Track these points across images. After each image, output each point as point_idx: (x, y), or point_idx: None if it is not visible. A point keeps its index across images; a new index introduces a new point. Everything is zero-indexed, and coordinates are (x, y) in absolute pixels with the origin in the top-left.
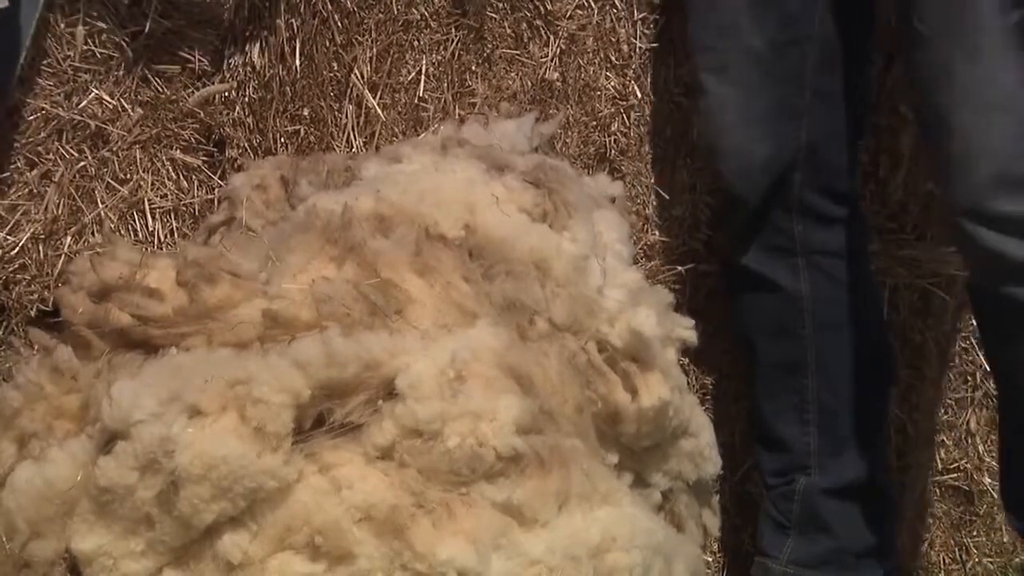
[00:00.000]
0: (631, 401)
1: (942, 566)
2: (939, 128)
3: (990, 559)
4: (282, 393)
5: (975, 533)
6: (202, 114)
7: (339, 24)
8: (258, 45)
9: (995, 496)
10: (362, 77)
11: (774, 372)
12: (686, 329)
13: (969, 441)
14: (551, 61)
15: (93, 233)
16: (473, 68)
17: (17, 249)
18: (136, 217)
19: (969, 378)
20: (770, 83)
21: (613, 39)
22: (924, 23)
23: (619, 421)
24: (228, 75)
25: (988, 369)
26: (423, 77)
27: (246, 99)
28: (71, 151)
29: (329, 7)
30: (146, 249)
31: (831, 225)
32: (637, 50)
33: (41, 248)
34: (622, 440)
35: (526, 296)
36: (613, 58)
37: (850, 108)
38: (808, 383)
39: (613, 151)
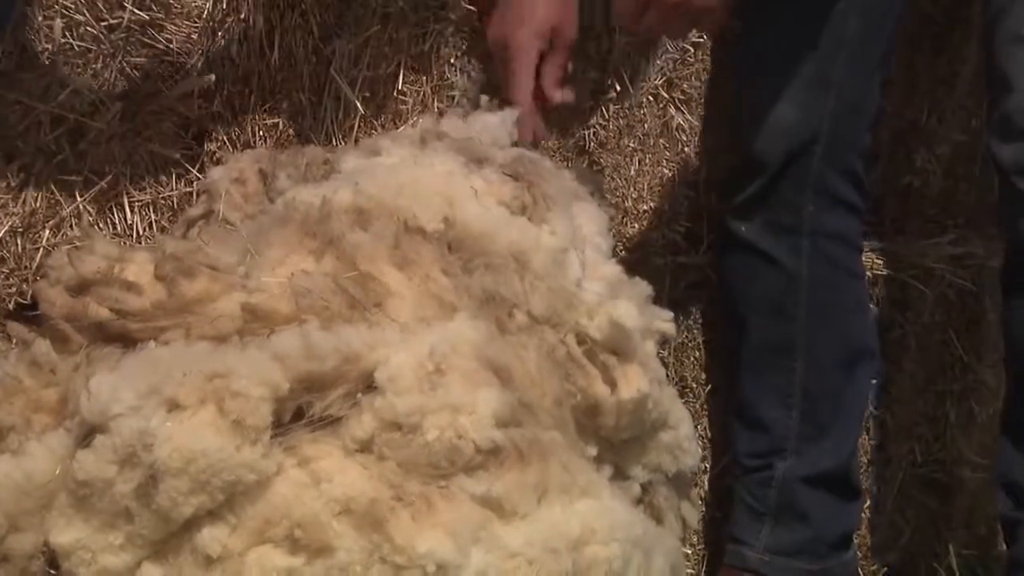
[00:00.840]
0: (610, 393)
1: (921, 559)
2: (1003, 89)
3: (969, 551)
4: (261, 386)
5: (953, 526)
6: (181, 107)
7: (318, 17)
8: (237, 38)
9: (974, 488)
10: (341, 70)
11: (762, 351)
12: (665, 322)
13: (948, 434)
14: None
15: (71, 226)
16: (452, 61)
17: None
18: (115, 210)
19: (948, 371)
20: (810, 48)
21: (592, 32)
22: None
23: (598, 414)
24: (207, 68)
25: (967, 362)
26: (402, 70)
27: (225, 92)
28: (49, 144)
29: (307, 0)
30: (124, 243)
31: (838, 207)
32: (616, 43)
33: (19, 241)
34: (601, 433)
35: (505, 289)
36: (592, 51)
37: (877, 86)
38: (796, 366)
39: (592, 143)
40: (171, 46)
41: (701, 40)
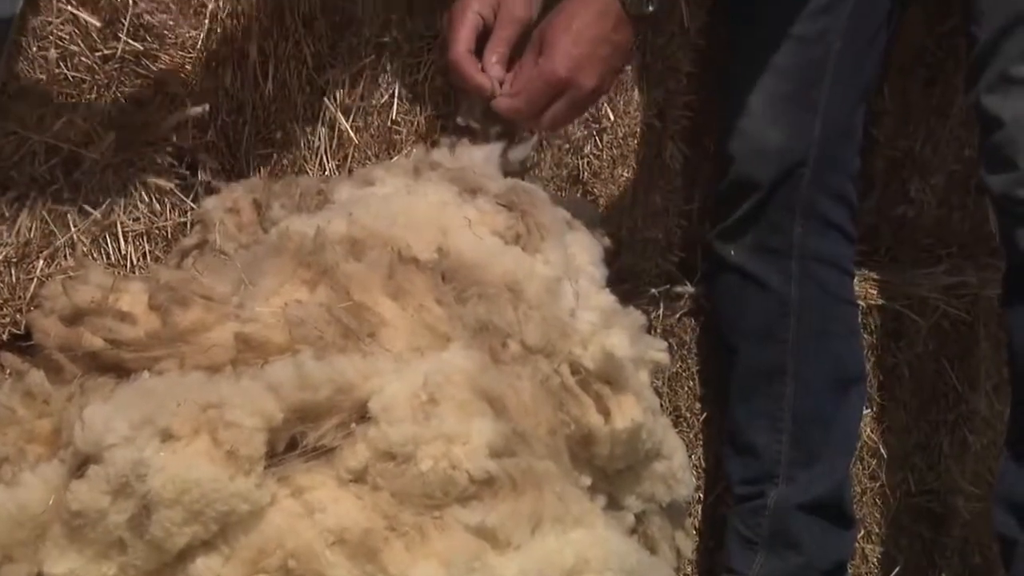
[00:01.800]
0: (604, 423)
1: None
2: (993, 125)
3: None
4: (255, 416)
5: (947, 555)
6: (175, 137)
7: (312, 47)
8: (231, 68)
9: (968, 518)
10: (335, 100)
11: (752, 376)
12: (659, 351)
13: (942, 464)
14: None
15: (66, 256)
16: (446, 91)
17: None
18: (109, 240)
19: (942, 400)
20: (795, 70)
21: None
22: (981, 27)
23: (592, 443)
24: (201, 98)
25: (961, 392)
26: (396, 100)
27: (219, 122)
28: (43, 174)
29: (302, 30)
30: (118, 273)
31: (829, 231)
32: None
33: (13, 272)
34: (595, 462)
35: (499, 319)
36: None
37: (862, 110)
38: (785, 391)
39: (586, 173)
40: (165, 76)
41: (694, 70)
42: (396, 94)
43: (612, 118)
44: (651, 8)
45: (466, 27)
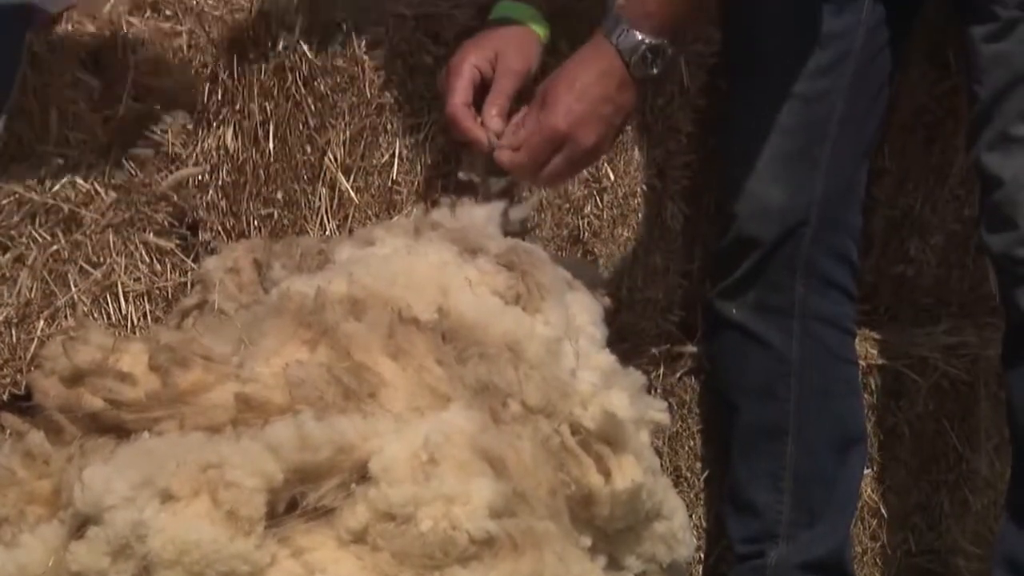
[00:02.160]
0: (605, 484)
1: None
2: (992, 184)
3: None
4: (255, 477)
5: None
6: (175, 197)
7: (312, 107)
8: (232, 128)
9: None
10: (335, 160)
11: (753, 435)
12: (659, 412)
13: (943, 524)
14: None
15: (66, 317)
16: (447, 151)
17: None
18: (109, 300)
19: (942, 460)
20: (797, 129)
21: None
22: (982, 86)
23: (592, 504)
24: (201, 158)
25: (961, 452)
26: (397, 160)
27: (219, 182)
28: (44, 235)
29: (302, 90)
30: (119, 333)
31: (830, 290)
32: None
33: (14, 332)
34: (595, 523)
35: (499, 379)
36: None
37: (864, 169)
38: (786, 449)
39: (586, 233)
40: (166, 137)
41: (694, 130)
42: (396, 154)
43: (612, 178)
44: (655, 71)
45: (464, 80)
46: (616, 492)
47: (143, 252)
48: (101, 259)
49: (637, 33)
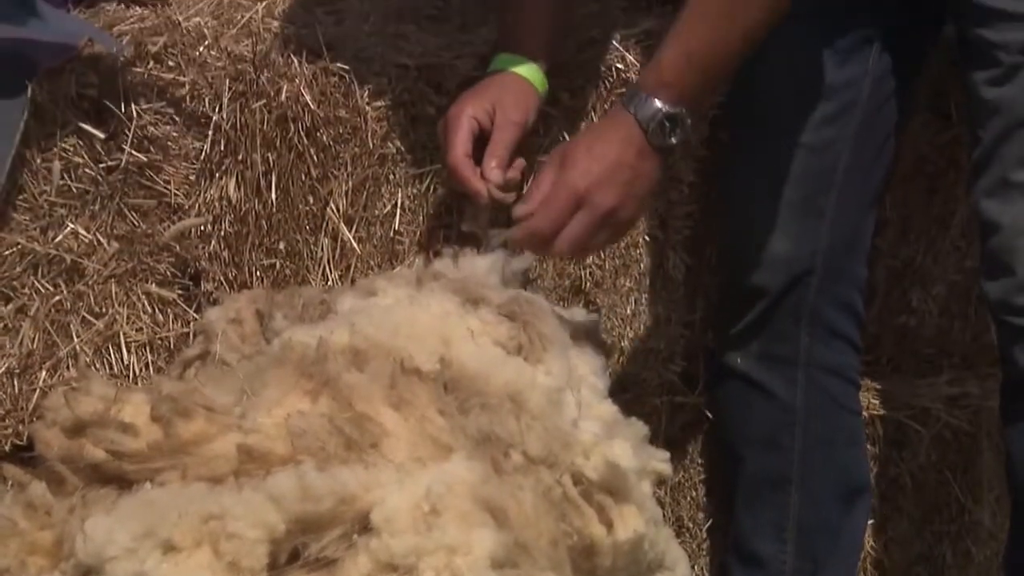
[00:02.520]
0: (607, 534)
1: None
2: (990, 230)
3: None
4: (257, 528)
5: None
6: (178, 248)
7: (315, 158)
8: (234, 179)
9: None
10: (338, 210)
11: (757, 484)
12: (661, 462)
13: (945, 575)
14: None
15: (68, 367)
16: (449, 201)
17: None
18: (111, 351)
19: (945, 511)
20: (801, 179)
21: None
22: (985, 129)
23: (594, 554)
24: (204, 208)
25: (963, 503)
26: (399, 210)
27: (222, 232)
28: (46, 285)
29: (305, 141)
30: (121, 383)
31: (835, 341)
32: None
33: (16, 382)
34: (597, 573)
35: (501, 429)
36: None
37: (871, 220)
38: (791, 499)
39: (588, 283)
40: (169, 187)
41: (696, 181)
42: (399, 204)
43: None
44: (673, 140)
45: (463, 132)
46: (618, 543)
47: (145, 302)
48: (103, 309)
49: (655, 102)
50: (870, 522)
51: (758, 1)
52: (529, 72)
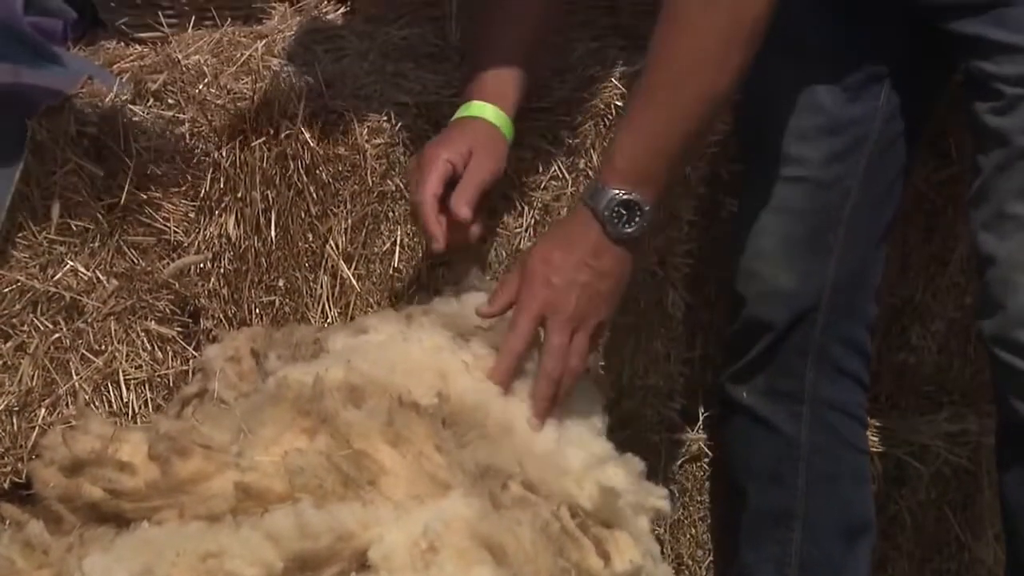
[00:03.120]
0: (604, 567)
1: None
2: (986, 263)
3: None
4: (254, 566)
5: None
6: (177, 285)
7: (314, 195)
8: (233, 216)
9: None
10: (337, 248)
11: (760, 519)
12: (660, 498)
13: None
14: (525, 231)
15: (67, 405)
16: None
17: None
18: (110, 388)
19: (945, 549)
20: (809, 215)
21: None
22: (988, 160)
23: None
24: (203, 246)
25: (963, 540)
26: (398, 247)
27: (221, 270)
28: (46, 323)
29: (304, 179)
30: (119, 421)
31: (841, 378)
32: None
33: (15, 420)
34: None
35: (500, 459)
36: None
37: (880, 258)
38: (793, 535)
39: None
40: (168, 225)
41: (696, 218)
42: (398, 242)
43: None
44: (629, 229)
45: (436, 173)
46: (616, 574)
47: (144, 340)
48: (103, 347)
49: (610, 190)
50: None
51: (701, 72)
52: (499, 120)
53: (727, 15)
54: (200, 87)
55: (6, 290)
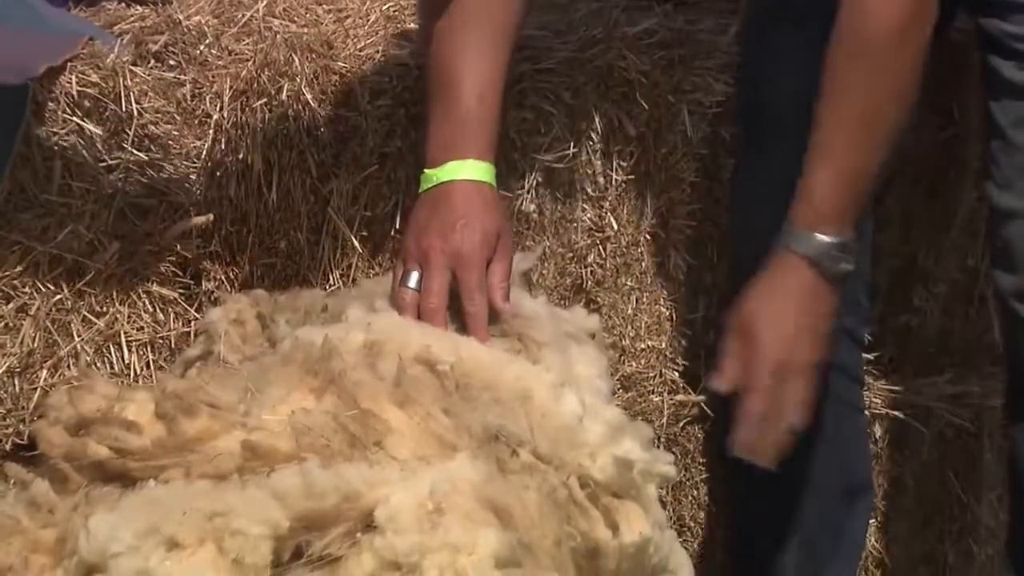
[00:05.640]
0: (612, 537)
1: None
2: (1001, 215)
3: None
4: (261, 525)
5: None
6: (179, 247)
7: (316, 157)
8: (235, 178)
9: None
10: (339, 210)
11: (760, 483)
12: (666, 464)
13: (947, 574)
14: (528, 193)
15: (69, 367)
16: None
17: None
18: (112, 350)
19: (946, 510)
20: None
21: (589, 171)
22: (1005, 114)
23: (599, 557)
24: (205, 208)
25: (965, 502)
26: (400, 209)
27: (223, 232)
28: (47, 284)
29: (306, 140)
30: (121, 383)
31: (841, 338)
32: (613, 182)
33: (16, 382)
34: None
35: (512, 424)
36: (589, 190)
37: (871, 217)
38: (793, 496)
39: (589, 282)
40: (170, 186)
41: (697, 180)
42: (400, 204)
43: (615, 227)
44: (848, 267)
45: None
46: (624, 545)
47: (146, 302)
48: (104, 309)
49: (820, 237)
50: (871, 521)
51: (892, 107)
52: (491, 176)
53: (916, 52)
54: (201, 48)
55: (7, 252)
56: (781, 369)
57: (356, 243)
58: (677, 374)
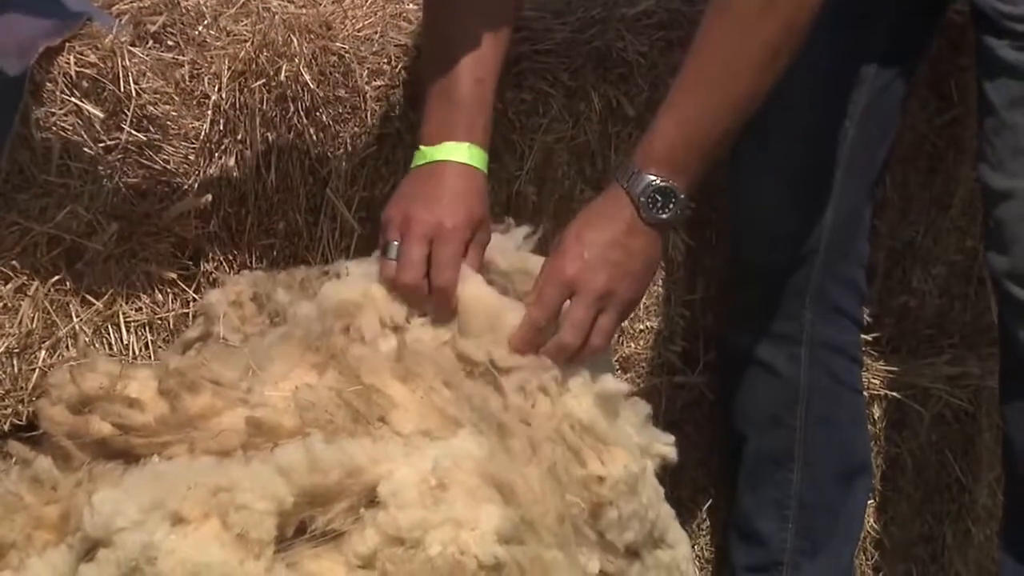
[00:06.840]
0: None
1: None
2: (995, 196)
3: None
4: (265, 500)
5: None
6: (177, 228)
7: (314, 137)
8: (233, 158)
9: None
10: (337, 191)
11: (759, 463)
12: (665, 445)
13: (945, 555)
14: (527, 174)
15: (68, 347)
16: None
17: None
18: (111, 330)
19: (945, 491)
20: (807, 157)
21: (588, 152)
22: (999, 95)
23: (600, 510)
24: (203, 188)
25: (963, 483)
26: None
27: (221, 213)
28: (46, 265)
29: (304, 120)
30: (121, 362)
31: (839, 318)
32: (611, 163)
33: (15, 362)
34: (607, 537)
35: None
36: (588, 171)
37: (870, 197)
38: (792, 477)
39: None
40: (168, 167)
41: None
42: (398, 185)
43: None
44: (664, 215)
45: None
46: (617, 483)
47: (145, 282)
48: (103, 289)
49: (647, 176)
50: (870, 502)
51: (748, 73)
52: (484, 164)
53: (782, 24)
54: (200, 28)
55: (6, 232)
56: (570, 287)
57: (354, 224)
58: (676, 356)
